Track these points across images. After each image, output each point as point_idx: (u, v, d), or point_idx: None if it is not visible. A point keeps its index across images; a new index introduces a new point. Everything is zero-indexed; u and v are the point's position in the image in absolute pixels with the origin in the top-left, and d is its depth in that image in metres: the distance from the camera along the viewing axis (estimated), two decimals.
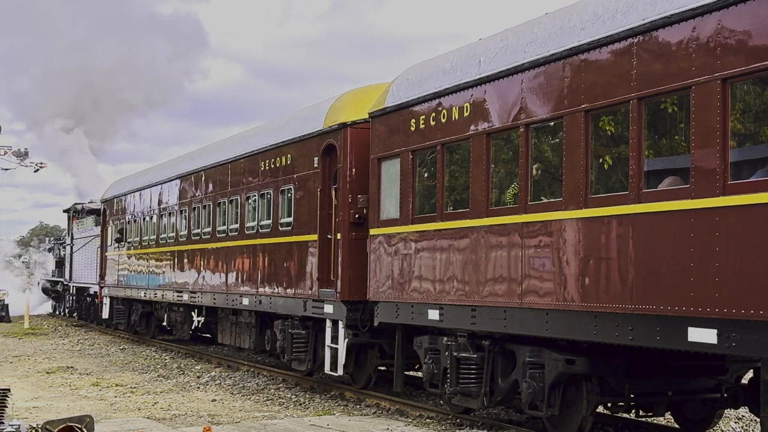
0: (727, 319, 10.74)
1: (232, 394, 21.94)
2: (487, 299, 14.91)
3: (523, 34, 14.83)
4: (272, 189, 23.05)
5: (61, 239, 58.79)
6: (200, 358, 30.10)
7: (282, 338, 22.39)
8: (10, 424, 12.86)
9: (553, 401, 14.28)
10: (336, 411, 18.93)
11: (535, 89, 14.04)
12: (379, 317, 18.28)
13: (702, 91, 11.10)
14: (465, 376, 15.74)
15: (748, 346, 10.63)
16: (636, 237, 12.01)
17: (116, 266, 39.05)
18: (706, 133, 11.06)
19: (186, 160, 31.50)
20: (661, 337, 11.73)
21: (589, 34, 13.02)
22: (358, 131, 19.60)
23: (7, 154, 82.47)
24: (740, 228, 10.63)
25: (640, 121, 12.05)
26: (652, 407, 14.70)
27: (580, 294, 12.94)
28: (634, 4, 12.33)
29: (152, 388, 23.26)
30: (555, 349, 14.11)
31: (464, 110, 15.69)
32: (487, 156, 15.11)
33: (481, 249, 15.09)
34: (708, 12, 11.10)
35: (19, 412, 17.17)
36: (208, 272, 27.32)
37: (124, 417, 18.07)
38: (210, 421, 17.73)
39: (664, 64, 11.72)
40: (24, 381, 24.61)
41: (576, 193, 13.05)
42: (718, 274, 10.85)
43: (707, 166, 11.04)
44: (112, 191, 41.24)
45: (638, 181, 12.05)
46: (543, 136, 14.23)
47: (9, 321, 53.01)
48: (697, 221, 11.14)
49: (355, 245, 19.29)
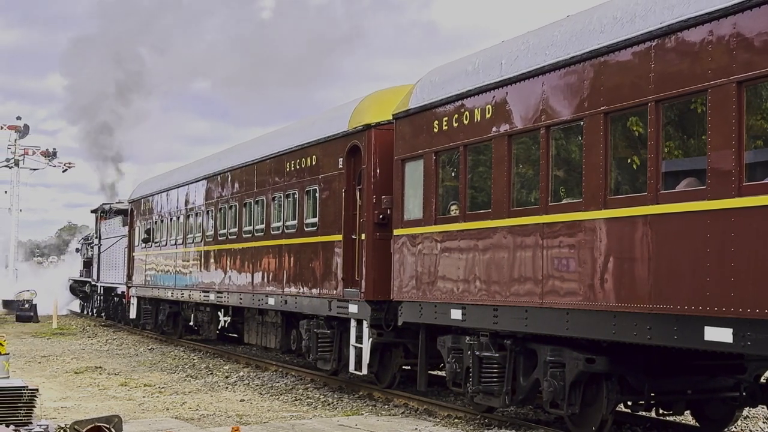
0: (743, 319, 10.90)
1: (261, 394, 22.02)
2: (509, 299, 15.10)
3: (545, 36, 15.00)
4: (297, 189, 23.31)
5: (89, 239, 59.21)
6: (228, 358, 30.22)
7: (307, 338, 22.65)
8: (38, 424, 13.02)
9: (573, 400, 14.45)
10: (364, 411, 19.03)
11: (556, 91, 14.23)
12: (402, 317, 18.49)
13: (718, 93, 11.27)
14: (487, 375, 15.92)
15: (763, 345, 10.78)
16: (654, 237, 12.18)
17: (143, 266, 39.40)
18: (723, 135, 11.22)
19: (212, 161, 31.81)
20: (678, 336, 11.89)
21: (609, 37, 13.19)
22: (382, 132, 19.82)
23: (36, 154, 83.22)
24: (755, 228, 10.79)
25: (657, 123, 12.22)
26: (672, 406, 14.88)
27: (600, 294, 13.11)
28: (653, 7, 12.50)
29: (180, 388, 23.39)
30: (575, 348, 14.28)
31: (486, 112, 15.88)
32: (509, 157, 15.30)
33: (503, 249, 15.27)
34: (724, 16, 11.26)
35: (48, 412, 17.28)
36: (235, 272, 27.60)
37: (152, 417, 18.15)
38: (238, 421, 17.79)
39: (683, 67, 11.89)
40: (52, 381, 24.70)
41: (596, 194, 13.23)
42: (733, 275, 11.01)
43: (724, 167, 11.21)
44: (140, 191, 41.60)
45: (656, 182, 12.22)
46: (563, 138, 14.41)
47: (37, 321, 53.28)
48: (714, 222, 11.31)
49: (380, 245, 19.51)
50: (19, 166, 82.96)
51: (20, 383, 13.94)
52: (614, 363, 13.93)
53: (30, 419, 13.34)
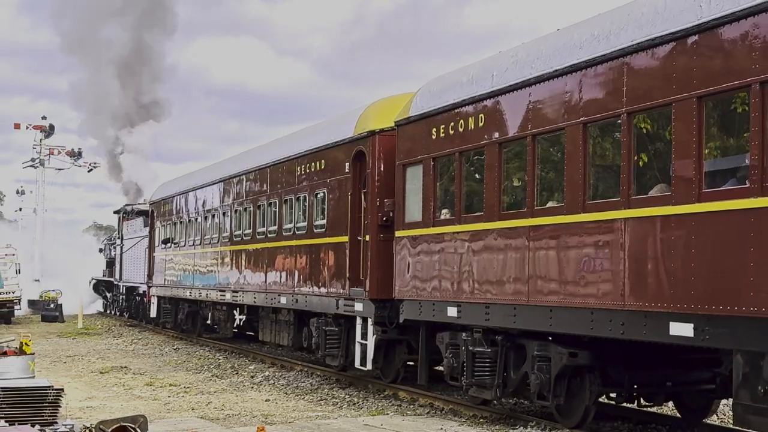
0: (702, 315, 11.86)
1: (286, 394, 22.07)
2: (499, 297, 16.05)
3: (531, 50, 15.95)
4: (307, 192, 24.30)
5: (112, 240, 60.23)
6: (254, 358, 30.23)
7: (317, 335, 23.68)
8: (63, 424, 13.06)
9: (559, 391, 15.41)
10: (389, 411, 19.09)
11: (541, 102, 15.17)
12: (404, 314, 19.46)
13: (681, 107, 12.22)
14: (480, 369, 16.89)
15: (719, 339, 11.74)
16: (627, 240, 13.11)
17: (163, 266, 40.47)
18: (685, 145, 12.16)
19: (228, 164, 32.85)
20: (647, 331, 12.84)
21: (587, 52, 14.13)
22: (386, 138, 20.79)
23: (61, 154, 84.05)
24: (712, 232, 11.76)
25: (629, 133, 13.17)
26: (653, 397, 15.83)
27: (579, 292, 14.07)
28: (625, 26, 13.43)
29: (206, 387, 23.39)
30: (560, 343, 15.24)
31: (479, 120, 16.83)
32: (500, 163, 16.24)
33: (494, 250, 16.23)
34: (686, 36, 12.22)
35: (73, 412, 17.49)
36: (249, 272, 28.62)
37: (178, 417, 18.20)
38: (264, 421, 17.76)
39: (651, 81, 12.83)
40: (78, 381, 24.76)
41: (576, 199, 14.16)
42: (693, 274, 11.97)
43: (686, 175, 12.15)
44: (160, 193, 42.66)
45: (628, 188, 13.15)
46: (547, 146, 15.35)
47: (63, 321, 53.87)
48: (677, 226, 12.26)
49: (383, 246, 20.49)
50: (44, 165, 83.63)
51: (45, 383, 13.85)
52: (595, 357, 14.89)
53: (55, 419, 13.28)
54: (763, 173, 11.08)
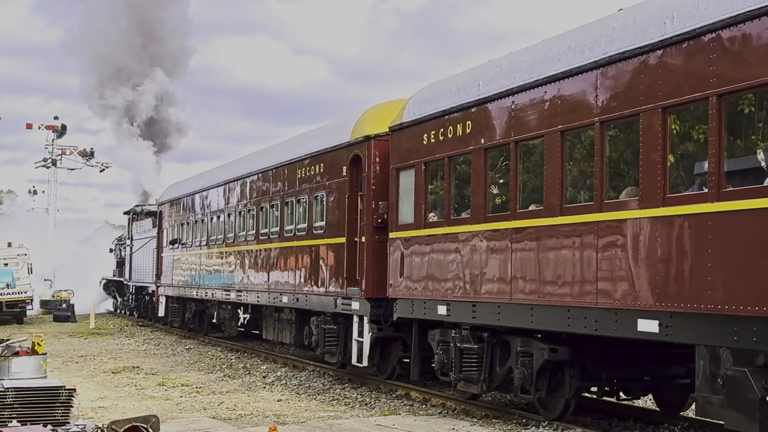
0: (666, 312, 12.64)
1: (298, 394, 22.20)
2: (484, 296, 16.83)
3: (515, 60, 16.73)
4: (307, 195, 25.10)
5: (122, 240, 60.93)
6: (266, 358, 30.29)
7: (317, 333, 24.49)
8: (75, 424, 13.09)
9: (540, 385, 16.21)
10: (401, 411, 19.21)
11: (522, 110, 15.95)
12: (397, 312, 20.26)
13: (648, 117, 12.99)
14: (467, 365, 17.68)
15: (680, 334, 12.54)
16: (599, 242, 13.89)
17: (171, 266, 41.32)
18: (652, 153, 12.94)
19: (233, 166, 33.66)
20: (618, 328, 13.63)
21: (564, 64, 14.91)
22: (381, 143, 21.59)
23: (73, 154, 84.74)
24: (676, 234, 12.54)
25: (602, 140, 13.95)
26: (631, 391, 16.62)
27: (557, 291, 14.85)
28: (599, 40, 14.21)
29: (218, 387, 23.51)
30: (542, 339, 16.03)
31: (466, 127, 17.61)
32: (485, 168, 17.02)
33: (480, 251, 17.01)
34: (652, 50, 12.99)
35: (85, 412, 17.47)
36: (253, 272, 29.43)
37: (190, 417, 18.28)
38: (276, 421, 17.85)
39: (620, 92, 13.62)
40: (90, 381, 24.90)
41: (554, 203, 14.94)
42: (658, 274, 12.75)
43: (653, 180, 12.92)
44: (168, 195, 43.49)
45: (601, 192, 13.93)
46: (528, 152, 16.13)
47: (75, 321, 54.38)
48: (645, 228, 13.03)
49: (378, 247, 21.29)
50: (56, 165, 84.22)
51: (58, 383, 13.98)
52: (575, 352, 15.69)
53: (67, 419, 13.38)
54: (720, 180, 11.85)
